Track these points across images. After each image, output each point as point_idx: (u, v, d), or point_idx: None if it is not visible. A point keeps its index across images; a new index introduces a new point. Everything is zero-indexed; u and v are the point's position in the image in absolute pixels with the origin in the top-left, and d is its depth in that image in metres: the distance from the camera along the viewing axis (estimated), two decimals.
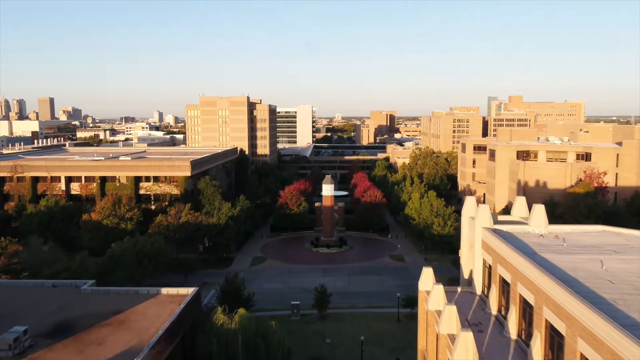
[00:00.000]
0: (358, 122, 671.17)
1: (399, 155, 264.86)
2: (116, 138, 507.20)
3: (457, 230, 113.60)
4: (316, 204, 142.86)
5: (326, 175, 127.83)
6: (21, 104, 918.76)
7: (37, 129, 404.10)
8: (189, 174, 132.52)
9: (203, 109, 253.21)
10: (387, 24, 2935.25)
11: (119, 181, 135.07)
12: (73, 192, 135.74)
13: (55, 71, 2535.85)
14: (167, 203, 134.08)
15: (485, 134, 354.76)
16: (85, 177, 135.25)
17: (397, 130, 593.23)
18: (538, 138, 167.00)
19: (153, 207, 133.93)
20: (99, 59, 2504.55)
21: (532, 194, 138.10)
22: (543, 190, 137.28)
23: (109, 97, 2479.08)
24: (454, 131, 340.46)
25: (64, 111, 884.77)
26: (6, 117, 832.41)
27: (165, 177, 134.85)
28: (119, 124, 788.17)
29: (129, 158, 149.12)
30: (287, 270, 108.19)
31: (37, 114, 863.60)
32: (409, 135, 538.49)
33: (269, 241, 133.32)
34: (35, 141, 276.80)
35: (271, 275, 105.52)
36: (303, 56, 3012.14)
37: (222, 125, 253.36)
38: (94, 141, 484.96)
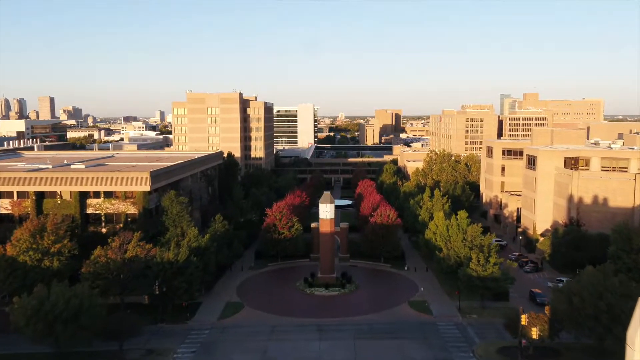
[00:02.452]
0: (362, 122, 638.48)
1: (409, 158, 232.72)
2: (110, 138, 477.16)
3: (503, 269, 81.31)
4: (313, 225, 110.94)
5: (324, 193, 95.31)
6: (21, 103, 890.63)
7: (23, 128, 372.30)
8: (147, 188, 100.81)
9: (190, 107, 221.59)
10: (392, 22, 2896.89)
11: (61, 197, 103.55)
12: (3, 211, 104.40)
13: (58, 71, 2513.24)
14: (121, 225, 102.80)
15: (500, 134, 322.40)
16: (17, 192, 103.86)
17: (403, 130, 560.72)
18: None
19: (104, 230, 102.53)
20: (102, 58, 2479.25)
21: (589, 213, 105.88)
22: (603, 208, 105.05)
23: (112, 97, 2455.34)
24: (466, 131, 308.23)
25: (64, 110, 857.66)
26: (6, 117, 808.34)
27: (123, 192, 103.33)
28: (119, 123, 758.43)
29: (83, 166, 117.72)
30: (269, 327, 76.23)
31: (37, 113, 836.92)
32: (415, 135, 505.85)
33: (251, 275, 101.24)
34: (8, 143, 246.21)
35: (246, 336, 73.61)
36: (306, 55, 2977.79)
37: (212, 125, 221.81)
38: (87, 141, 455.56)
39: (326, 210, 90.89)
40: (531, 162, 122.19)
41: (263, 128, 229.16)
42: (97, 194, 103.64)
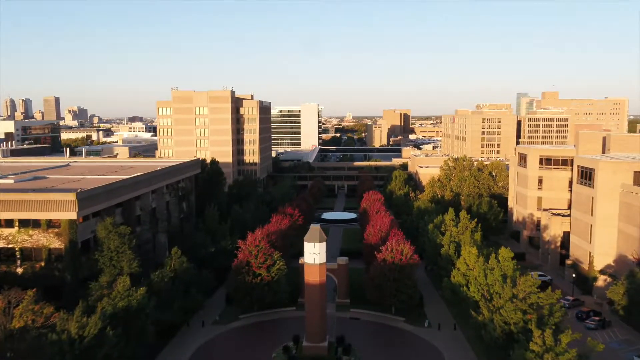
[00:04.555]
0: (369, 122, 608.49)
1: (421, 164, 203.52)
2: (109, 139, 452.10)
3: (581, 352, 51.96)
4: (301, 260, 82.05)
5: (312, 227, 64.16)
6: (27, 103, 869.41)
7: (12, 129, 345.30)
8: (73, 214, 72.84)
9: (176, 107, 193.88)
10: (401, 21, 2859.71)
11: None
12: None
13: (65, 72, 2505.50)
14: (43, 264, 75.05)
15: (518, 135, 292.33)
16: None
17: (412, 131, 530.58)
18: None
19: (20, 270, 74.85)
20: (109, 59, 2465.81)
21: None
22: None
23: (119, 98, 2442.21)
24: (482, 132, 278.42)
25: (69, 111, 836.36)
26: (11, 117, 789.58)
27: (45, 220, 75.35)
28: (124, 124, 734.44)
29: (12, 181, 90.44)
30: None
31: (42, 113, 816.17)
32: (425, 136, 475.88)
33: (213, 335, 72.21)
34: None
35: None
36: (313, 55, 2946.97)
37: (200, 126, 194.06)
38: (84, 143, 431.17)
39: (314, 252, 61.99)
40: (586, 176, 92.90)
41: (258, 130, 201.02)
42: (10, 222, 75.90)
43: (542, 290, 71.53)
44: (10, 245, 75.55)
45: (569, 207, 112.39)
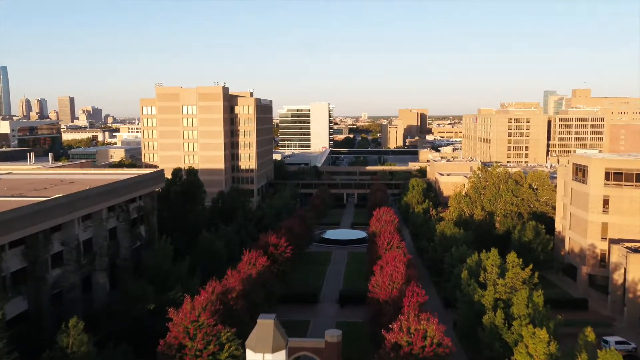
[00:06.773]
0: (385, 122, 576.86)
1: (442, 171, 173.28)
2: (113, 140, 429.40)
3: None
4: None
5: (260, 321, 34.14)
6: (42, 103, 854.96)
7: (7, 130, 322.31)
8: None
9: (161, 105, 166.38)
10: (421, 18, 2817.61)
11: None
12: None
13: (81, 72, 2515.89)
14: None
15: (548, 137, 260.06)
16: None
17: (429, 131, 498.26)
18: None
19: None
20: (125, 59, 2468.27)
21: None
22: None
23: (135, 98, 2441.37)
24: (509, 134, 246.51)
25: (83, 110, 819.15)
26: (27, 117, 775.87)
27: None
28: (133, 123, 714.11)
29: None
30: None
31: (57, 113, 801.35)
32: (443, 137, 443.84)
33: None
34: None
35: None
36: (328, 53, 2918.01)
37: (188, 128, 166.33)
38: (88, 144, 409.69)
39: None
40: None
41: (254, 131, 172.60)
42: None
43: None
44: None
45: None
